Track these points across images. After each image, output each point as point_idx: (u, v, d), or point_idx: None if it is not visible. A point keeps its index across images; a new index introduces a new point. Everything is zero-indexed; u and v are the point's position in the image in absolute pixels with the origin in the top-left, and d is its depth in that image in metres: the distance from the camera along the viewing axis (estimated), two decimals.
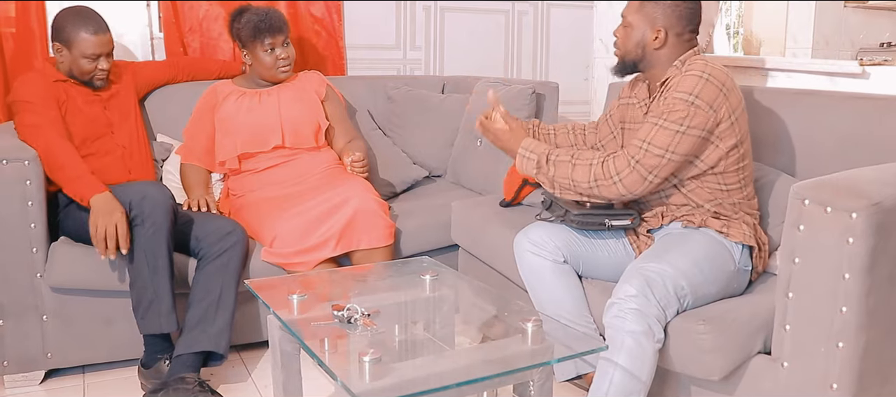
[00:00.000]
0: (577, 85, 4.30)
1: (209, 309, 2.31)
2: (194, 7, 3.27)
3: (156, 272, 2.26)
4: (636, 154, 1.97)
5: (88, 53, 2.57)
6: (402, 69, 3.87)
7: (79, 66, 2.58)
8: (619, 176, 1.98)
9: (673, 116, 1.95)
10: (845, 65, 2.88)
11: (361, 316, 1.72)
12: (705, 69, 1.98)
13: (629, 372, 1.80)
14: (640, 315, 1.81)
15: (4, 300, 2.34)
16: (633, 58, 2.15)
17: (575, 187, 2.04)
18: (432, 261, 2.23)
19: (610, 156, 2.01)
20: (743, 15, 5.48)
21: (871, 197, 1.58)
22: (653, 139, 1.96)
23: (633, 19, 2.12)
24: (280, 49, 2.86)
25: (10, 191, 2.29)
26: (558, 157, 2.07)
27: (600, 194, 2.02)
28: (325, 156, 2.88)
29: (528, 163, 2.12)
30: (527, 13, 4.13)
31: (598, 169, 2.00)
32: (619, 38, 2.17)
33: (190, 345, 2.26)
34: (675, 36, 2.09)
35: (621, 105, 2.34)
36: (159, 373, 2.31)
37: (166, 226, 2.27)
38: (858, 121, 2.19)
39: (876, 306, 1.62)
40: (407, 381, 1.47)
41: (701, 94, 1.94)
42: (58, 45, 2.59)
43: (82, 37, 2.55)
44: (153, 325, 2.27)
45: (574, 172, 2.03)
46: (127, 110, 2.77)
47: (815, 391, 1.67)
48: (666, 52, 2.10)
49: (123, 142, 2.70)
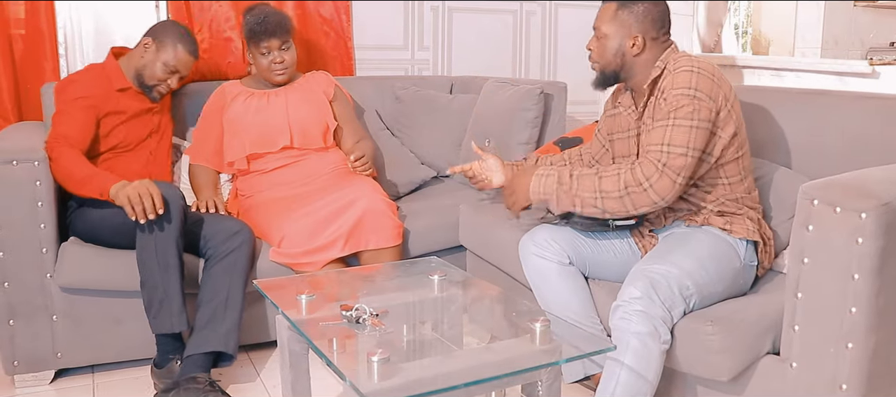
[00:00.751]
0: (586, 84, 4.22)
1: (217, 309, 2.31)
2: (204, 7, 3.28)
3: (166, 271, 2.26)
4: (661, 157, 1.93)
5: (171, 65, 2.65)
6: (410, 69, 3.87)
7: (153, 70, 2.65)
8: (649, 182, 1.93)
9: (681, 113, 1.94)
10: (855, 64, 2.88)
11: (370, 316, 1.72)
12: (693, 63, 1.99)
13: (635, 372, 1.80)
14: (645, 316, 1.81)
15: (14, 300, 2.35)
16: (613, 68, 2.14)
17: (603, 199, 1.98)
18: (440, 261, 2.23)
19: (635, 164, 1.96)
20: (751, 15, 5.46)
21: (880, 197, 1.57)
22: (671, 139, 1.94)
23: (608, 30, 2.12)
24: (276, 52, 2.85)
25: (20, 192, 2.30)
26: (581, 172, 2.03)
27: (632, 203, 1.96)
28: (334, 157, 2.89)
29: (547, 180, 2.07)
30: (535, 13, 4.12)
31: (628, 176, 1.95)
32: (595, 50, 2.16)
33: (200, 346, 2.27)
34: (651, 40, 2.10)
35: (607, 118, 2.33)
36: (171, 373, 2.31)
37: (177, 226, 2.27)
38: (868, 120, 2.18)
39: (885, 306, 1.61)
40: (415, 381, 1.47)
41: (699, 85, 1.95)
42: (148, 41, 2.66)
43: (178, 48, 2.66)
44: (164, 325, 2.28)
45: (602, 183, 1.98)
46: (166, 124, 2.83)
47: (825, 392, 1.67)
48: (645, 57, 2.10)
49: (152, 148, 2.74)
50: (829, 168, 2.18)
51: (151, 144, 2.73)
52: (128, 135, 2.64)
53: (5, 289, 2.33)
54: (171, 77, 2.68)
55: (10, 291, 2.34)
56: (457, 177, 3.36)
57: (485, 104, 3.23)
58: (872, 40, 4.83)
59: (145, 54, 2.65)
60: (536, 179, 2.09)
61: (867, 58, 3.87)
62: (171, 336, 2.33)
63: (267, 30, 2.82)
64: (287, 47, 2.88)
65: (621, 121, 2.24)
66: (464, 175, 2.55)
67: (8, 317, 2.35)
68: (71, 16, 3.09)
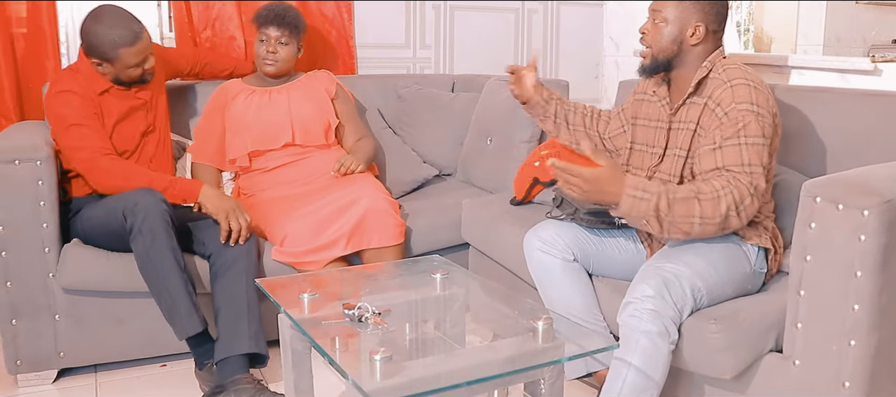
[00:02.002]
0: (587, 83, 4.29)
1: (240, 312, 2.29)
2: (208, 7, 3.28)
3: (167, 278, 2.25)
4: (752, 180, 1.86)
5: (132, 64, 2.49)
6: (412, 68, 3.87)
7: (127, 75, 2.51)
8: (743, 205, 1.84)
9: (749, 130, 1.88)
10: (857, 61, 2.86)
11: (372, 314, 1.72)
12: (747, 76, 1.95)
13: (643, 371, 1.79)
14: (657, 315, 1.80)
15: (17, 300, 2.35)
16: (667, 55, 2.05)
17: (702, 224, 1.83)
18: (443, 259, 2.23)
19: (729, 187, 1.84)
20: (753, 12, 5.45)
21: (883, 194, 1.57)
22: (751, 159, 1.87)
23: (669, 14, 2.03)
24: (273, 42, 2.87)
25: (22, 192, 2.30)
26: (677, 195, 1.83)
27: (726, 226, 1.86)
28: (336, 155, 2.88)
29: (642, 205, 1.82)
30: (536, 11, 4.12)
31: (730, 199, 1.83)
32: (650, 34, 2.07)
33: (232, 349, 2.24)
34: (712, 33, 2.04)
35: (636, 100, 2.29)
36: (213, 375, 2.31)
37: (164, 230, 2.25)
38: (870, 118, 2.17)
39: (888, 304, 1.61)
40: (418, 380, 1.47)
41: (758, 101, 1.91)
42: (98, 62, 2.48)
43: (121, 53, 2.45)
44: (181, 329, 2.27)
45: (703, 208, 1.82)
46: (162, 123, 2.72)
47: (828, 389, 1.67)
48: (700, 49, 2.04)
49: (151, 153, 2.65)
50: (831, 165, 2.18)
51: (150, 148, 2.65)
52: (121, 141, 2.55)
53: (8, 288, 2.33)
54: (144, 64, 2.52)
55: (12, 291, 2.34)
56: (459, 174, 3.36)
57: (487, 102, 3.23)
58: (874, 37, 4.81)
59: (106, 70, 2.50)
60: (630, 200, 1.82)
61: (869, 55, 3.86)
62: (197, 337, 2.31)
63: (270, 17, 2.87)
64: (285, 42, 2.90)
65: (651, 110, 2.20)
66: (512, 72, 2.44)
67: (11, 317, 2.35)
68: (72, 15, 3.09)
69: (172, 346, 2.51)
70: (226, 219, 2.37)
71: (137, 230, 2.24)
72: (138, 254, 2.26)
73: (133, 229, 2.24)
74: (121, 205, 2.28)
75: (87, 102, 2.47)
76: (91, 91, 2.50)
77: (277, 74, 2.94)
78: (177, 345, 2.51)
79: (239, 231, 2.37)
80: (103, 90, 2.53)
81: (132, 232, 2.25)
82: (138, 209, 2.24)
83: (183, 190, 2.42)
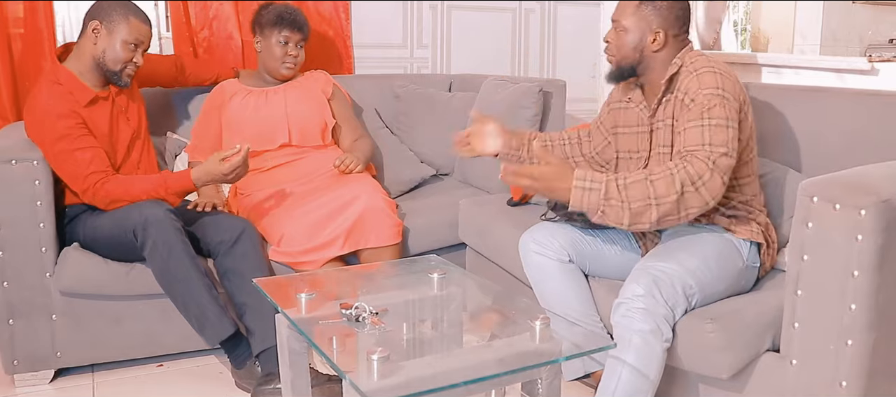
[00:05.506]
0: (585, 82, 4.30)
1: (264, 306, 2.29)
2: (205, 6, 3.28)
3: (190, 288, 2.25)
4: (710, 155, 1.84)
5: (130, 39, 2.41)
6: (409, 68, 3.87)
7: (114, 53, 2.41)
8: (701, 180, 1.82)
9: (714, 113, 1.89)
10: (854, 61, 2.88)
11: (369, 314, 1.72)
12: (712, 64, 1.96)
13: (637, 370, 1.80)
14: (648, 314, 1.80)
15: (14, 299, 2.35)
16: (630, 62, 2.08)
17: (658, 205, 1.81)
18: (440, 259, 2.23)
19: (683, 163, 1.84)
20: (750, 12, 5.46)
21: (879, 193, 1.57)
22: (711, 139, 1.87)
23: (629, 23, 2.06)
24: (292, 45, 2.90)
25: (19, 191, 2.30)
26: (627, 179, 1.83)
27: (685, 205, 1.82)
28: (332, 155, 2.88)
29: (592, 195, 1.82)
30: (534, 11, 4.12)
31: (683, 174, 1.82)
32: (613, 42, 2.10)
33: (270, 338, 2.22)
34: (673, 37, 2.06)
35: (612, 110, 2.30)
36: (253, 374, 2.31)
37: (179, 240, 2.25)
38: (867, 117, 2.18)
39: (885, 303, 1.61)
40: (415, 379, 1.47)
41: (724, 86, 1.92)
42: (96, 24, 2.40)
43: (131, 20, 2.41)
44: (214, 335, 2.27)
45: (655, 187, 1.81)
46: (143, 127, 2.66)
47: (824, 389, 1.67)
48: (663, 54, 2.06)
49: (136, 159, 2.60)
50: (828, 165, 2.18)
51: (136, 155, 2.59)
52: (111, 151, 2.48)
53: (5, 288, 2.33)
54: (135, 53, 2.44)
55: (9, 290, 2.34)
56: (456, 174, 3.37)
57: (484, 102, 3.23)
58: (871, 37, 4.82)
59: (98, 40, 2.41)
60: (578, 191, 1.83)
61: (866, 55, 3.87)
62: (230, 340, 2.31)
63: (294, 21, 2.91)
64: (301, 47, 2.94)
65: (630, 116, 2.20)
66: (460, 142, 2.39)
67: (7, 317, 2.35)
68: (69, 15, 3.09)
69: (170, 346, 2.52)
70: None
71: (152, 246, 2.23)
72: (157, 269, 2.26)
73: (146, 246, 2.24)
74: (129, 223, 2.27)
75: (72, 120, 2.36)
76: (76, 104, 2.39)
77: (292, 76, 2.96)
78: (174, 345, 2.52)
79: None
80: (89, 101, 2.43)
81: (145, 248, 2.25)
82: (148, 224, 2.24)
83: (177, 183, 2.39)
